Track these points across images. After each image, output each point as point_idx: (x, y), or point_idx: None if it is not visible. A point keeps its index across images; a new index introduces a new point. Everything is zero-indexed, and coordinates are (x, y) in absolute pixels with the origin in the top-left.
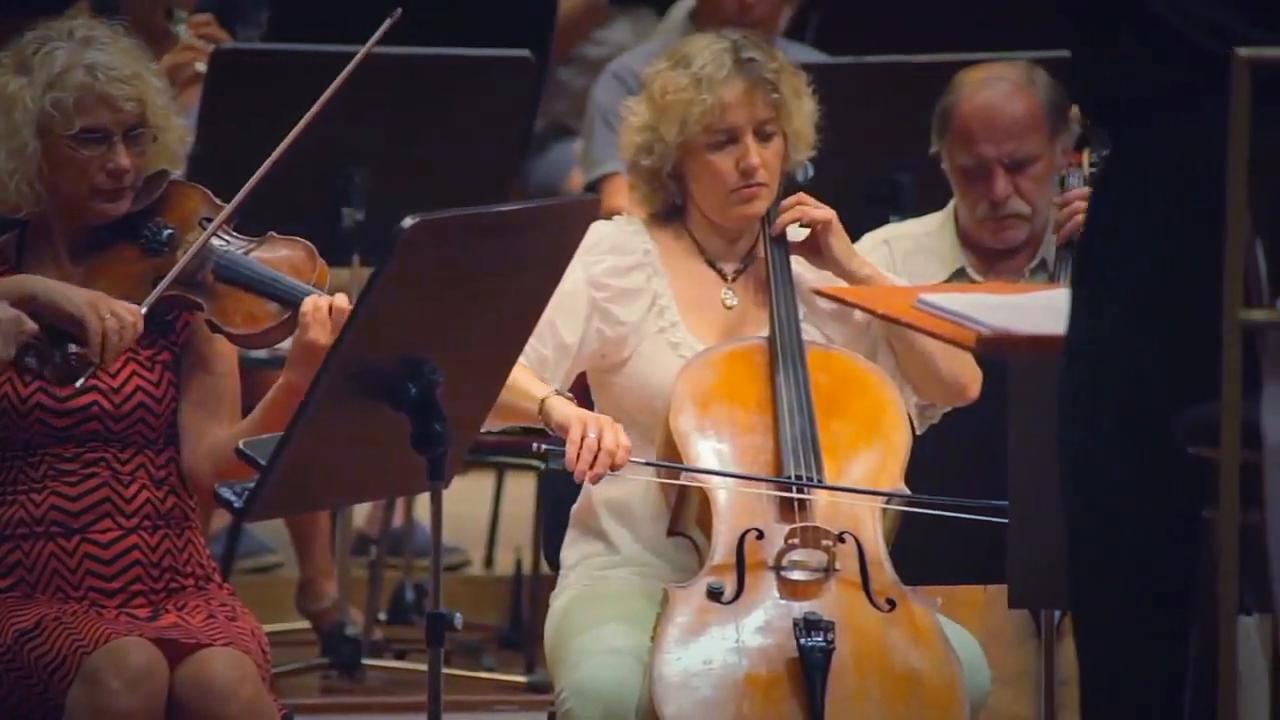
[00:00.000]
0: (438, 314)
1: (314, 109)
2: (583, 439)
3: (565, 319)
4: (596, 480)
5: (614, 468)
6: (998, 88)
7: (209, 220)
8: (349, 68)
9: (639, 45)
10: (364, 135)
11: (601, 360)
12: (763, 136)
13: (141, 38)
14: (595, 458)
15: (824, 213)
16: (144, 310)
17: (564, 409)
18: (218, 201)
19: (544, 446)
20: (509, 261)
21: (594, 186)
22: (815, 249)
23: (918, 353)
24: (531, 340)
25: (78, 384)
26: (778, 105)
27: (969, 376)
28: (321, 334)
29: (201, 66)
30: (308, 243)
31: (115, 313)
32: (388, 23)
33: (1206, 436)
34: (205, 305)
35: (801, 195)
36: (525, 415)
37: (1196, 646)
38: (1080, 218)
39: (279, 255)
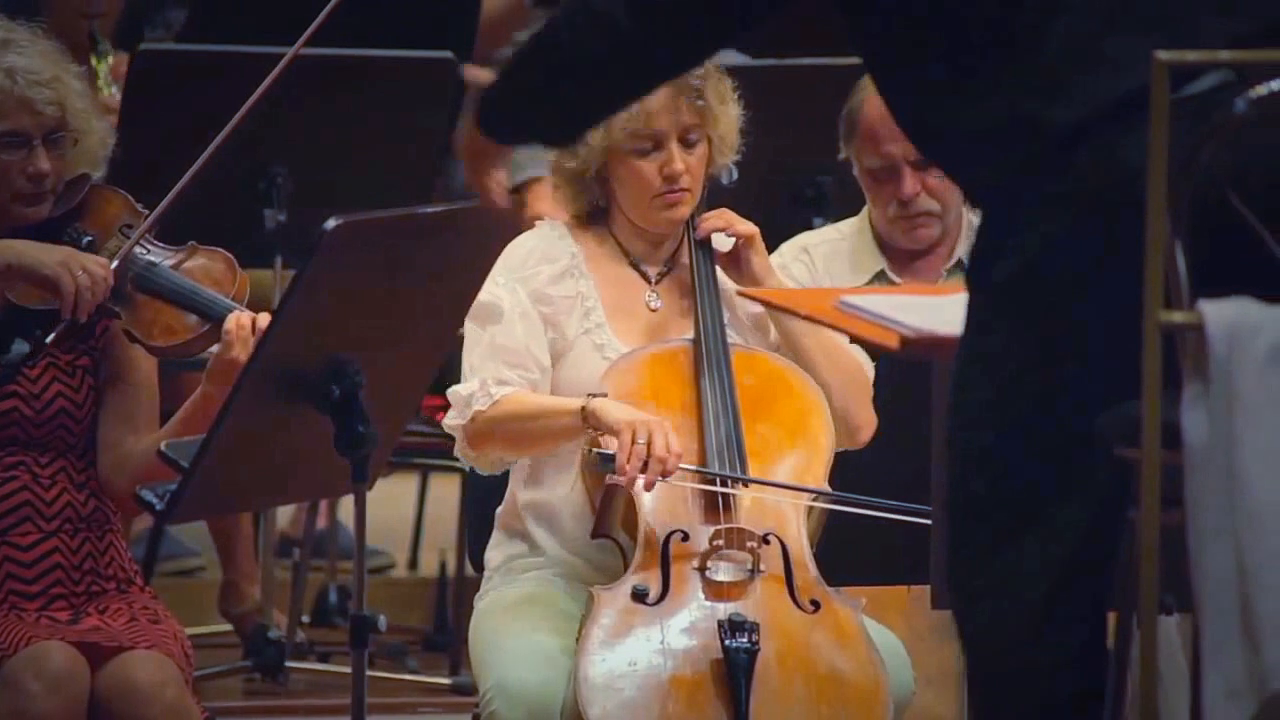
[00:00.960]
0: (361, 315)
1: (243, 109)
2: (633, 443)
3: (535, 341)
4: (650, 487)
5: (665, 474)
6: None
7: (130, 227)
8: (286, 59)
9: None
10: (286, 137)
11: None
12: (687, 143)
13: (63, 42)
14: (646, 464)
15: (748, 227)
16: (114, 266)
17: (614, 411)
18: (139, 208)
19: (596, 451)
20: (432, 263)
21: (517, 191)
22: (735, 263)
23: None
24: (516, 370)
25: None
26: (703, 112)
27: (863, 420)
28: (243, 352)
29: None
30: (228, 254)
31: (87, 268)
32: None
33: (1127, 437)
34: (123, 314)
35: (726, 210)
36: (565, 432)
37: (1117, 645)
38: None
39: (199, 266)
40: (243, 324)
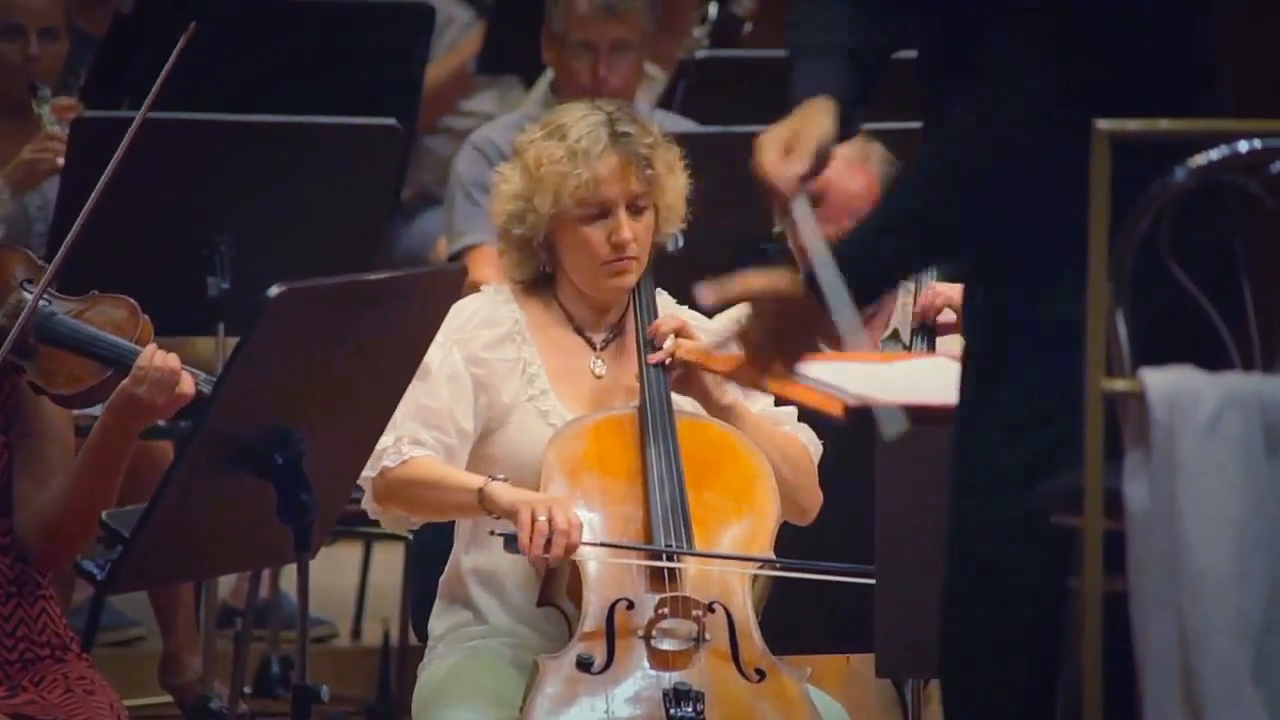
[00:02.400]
0: (304, 383)
1: (110, 165)
2: (533, 522)
3: (460, 405)
4: (558, 562)
5: (569, 548)
6: (833, 165)
7: (30, 282)
8: (135, 122)
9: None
10: (229, 204)
11: (481, 432)
12: (635, 210)
13: (2, 104)
14: (549, 540)
15: (698, 349)
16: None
17: (508, 494)
18: (39, 262)
19: (498, 532)
20: (376, 330)
21: (457, 258)
22: (684, 378)
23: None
24: (433, 432)
25: None
26: (651, 180)
27: (811, 501)
28: (147, 391)
29: (61, 160)
30: (130, 300)
31: None
32: (183, 40)
33: (1070, 505)
34: (28, 367)
35: (684, 322)
36: (461, 508)
37: (1063, 713)
38: (939, 301)
39: (101, 313)
40: (157, 365)
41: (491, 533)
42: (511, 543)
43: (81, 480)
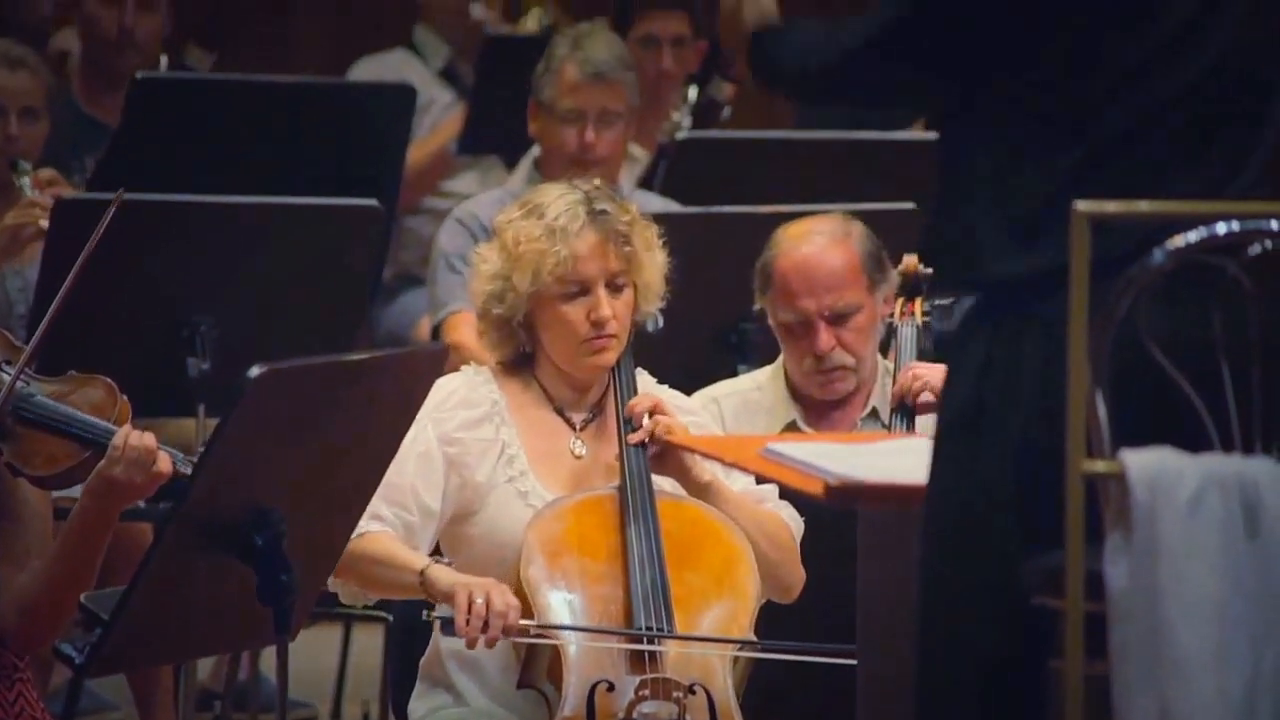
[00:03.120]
0: (285, 463)
1: (88, 245)
2: (470, 605)
3: (425, 483)
4: (492, 645)
5: (506, 630)
6: (814, 242)
7: (9, 363)
8: (81, 258)
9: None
10: (210, 284)
11: (455, 512)
12: (614, 288)
13: None
14: (486, 623)
15: (677, 427)
16: None
17: (447, 577)
18: (16, 343)
19: (434, 615)
20: (357, 410)
21: (440, 327)
22: (662, 456)
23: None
24: (394, 508)
25: None
26: (630, 258)
27: (794, 579)
28: (124, 471)
29: (44, 223)
30: (107, 379)
31: None
32: (111, 209)
33: (1051, 586)
34: (4, 448)
35: (660, 400)
36: (406, 588)
37: None
38: (918, 384)
39: (78, 393)
40: (133, 445)
41: (425, 616)
42: (448, 626)
43: (60, 563)
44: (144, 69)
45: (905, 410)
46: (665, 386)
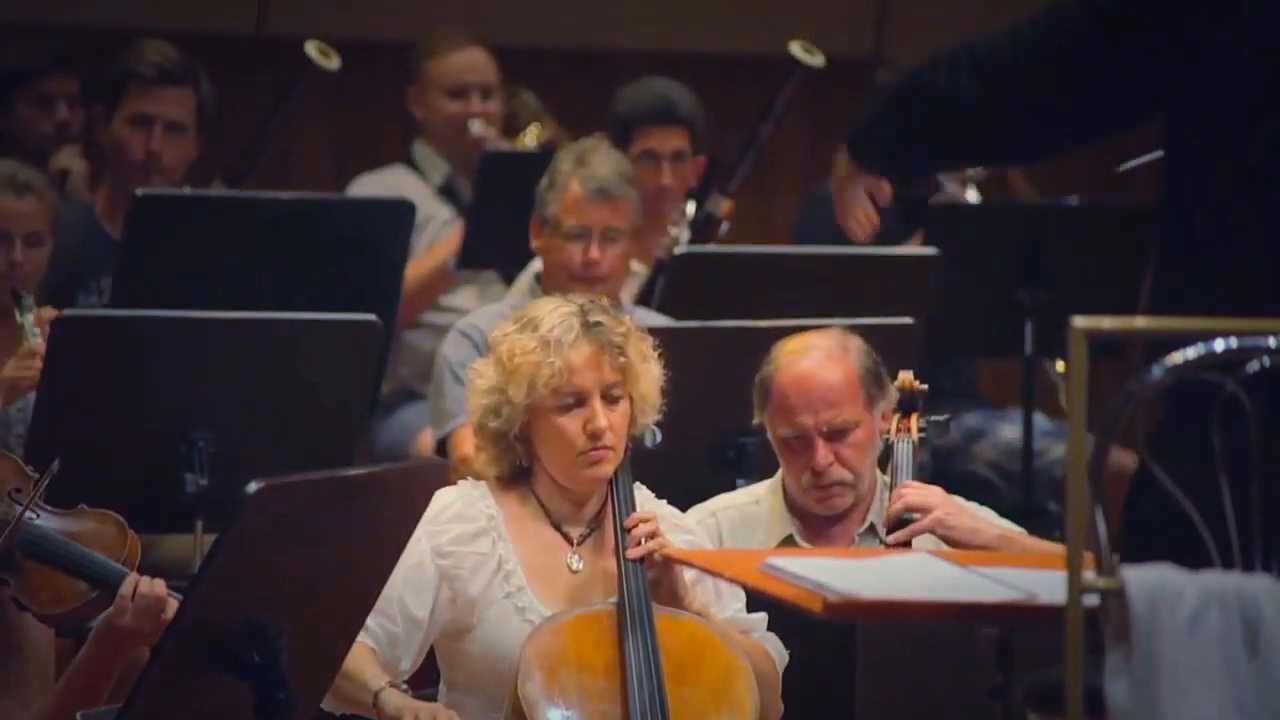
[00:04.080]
0: (283, 579)
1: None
2: None
3: (413, 593)
4: None
5: None
6: (813, 357)
7: (18, 491)
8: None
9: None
10: (209, 399)
11: (449, 627)
12: (610, 399)
13: None
14: None
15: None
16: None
17: (396, 701)
18: (29, 471)
19: None
20: (356, 525)
21: (445, 440)
22: (656, 580)
23: None
24: (379, 618)
25: None
26: (625, 369)
27: (772, 714)
28: (134, 619)
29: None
30: (119, 517)
31: None
32: (46, 478)
33: (1051, 702)
34: (11, 582)
35: (655, 520)
36: (363, 706)
37: None
38: (898, 505)
39: (89, 530)
40: (142, 593)
41: None
42: None
43: (64, 703)
44: None
45: (903, 525)
46: (663, 502)
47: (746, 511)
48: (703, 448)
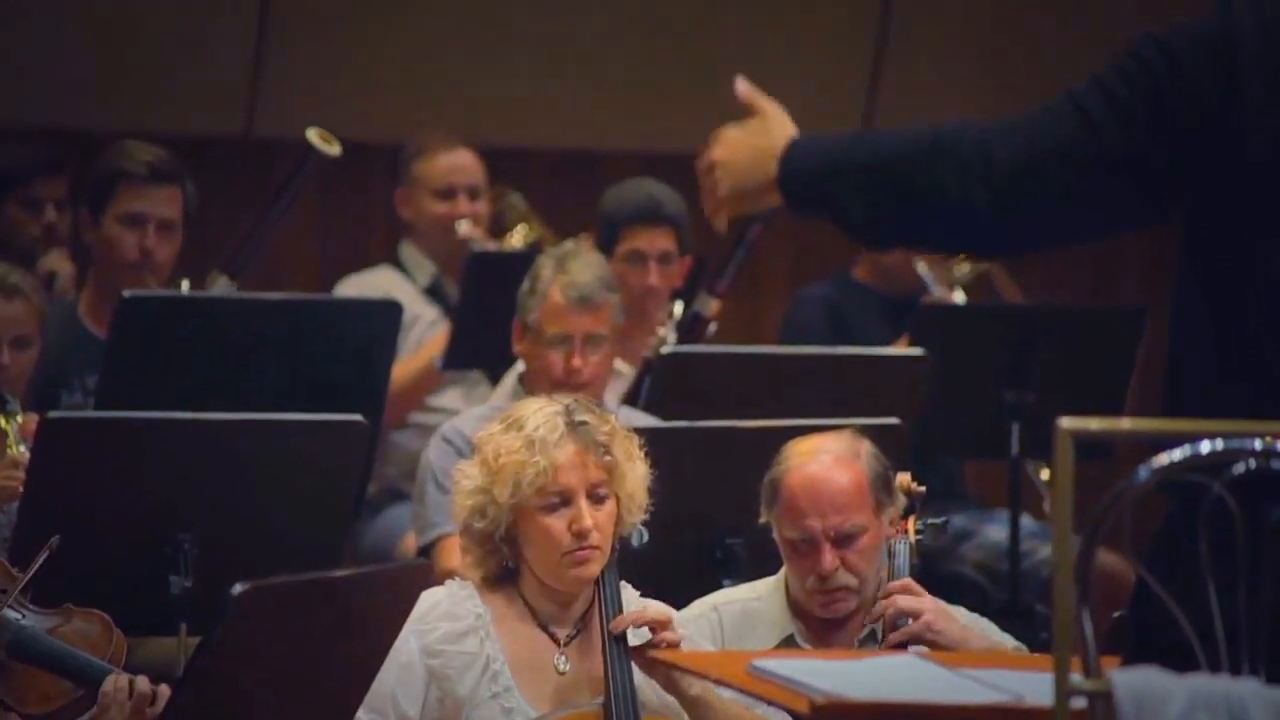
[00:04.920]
0: (268, 681)
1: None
2: None
3: (405, 692)
4: None
5: None
6: (823, 460)
7: (2, 591)
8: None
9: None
10: (193, 500)
11: None
12: (596, 499)
13: None
14: None
15: (660, 611)
16: None
17: None
18: (14, 571)
19: None
20: (341, 626)
21: (430, 547)
22: (653, 662)
23: None
24: (371, 714)
25: None
26: (610, 468)
27: None
28: (119, 716)
29: (23, 489)
30: (104, 615)
31: None
32: (45, 551)
33: None
34: None
35: (650, 607)
36: None
37: None
38: (891, 611)
39: (74, 629)
40: (120, 687)
41: None
42: None
43: None
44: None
45: (890, 630)
46: (650, 600)
47: (749, 607)
48: (690, 548)
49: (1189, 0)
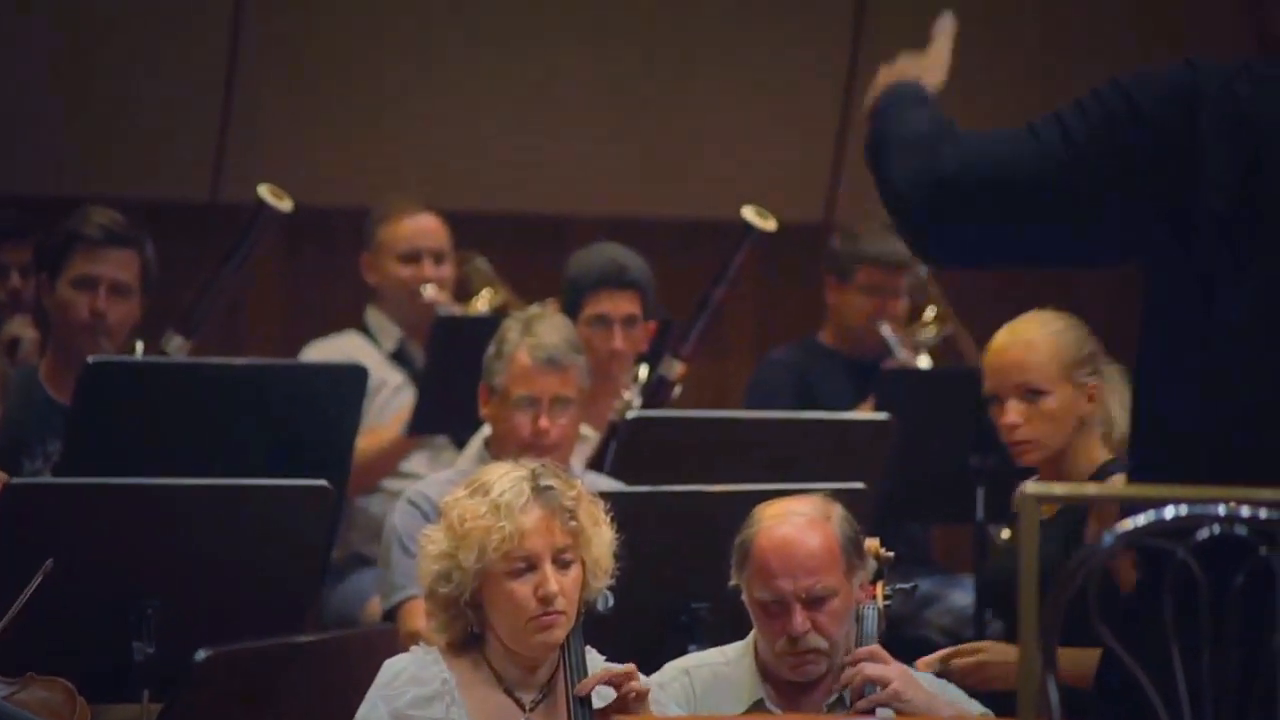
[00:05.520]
0: None
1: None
2: None
3: None
4: None
5: None
6: (795, 522)
7: None
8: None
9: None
10: (157, 566)
11: None
12: (561, 564)
13: None
14: None
15: (630, 677)
16: None
17: None
18: None
19: None
20: (305, 691)
21: (395, 611)
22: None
23: None
24: None
25: None
26: (576, 533)
27: None
28: None
29: None
30: (66, 683)
31: None
32: (38, 576)
33: None
34: None
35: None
36: None
37: None
38: (858, 679)
39: (36, 697)
40: None
41: None
42: None
43: None
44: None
45: (858, 697)
46: (616, 665)
47: (719, 671)
48: (655, 613)
49: None
